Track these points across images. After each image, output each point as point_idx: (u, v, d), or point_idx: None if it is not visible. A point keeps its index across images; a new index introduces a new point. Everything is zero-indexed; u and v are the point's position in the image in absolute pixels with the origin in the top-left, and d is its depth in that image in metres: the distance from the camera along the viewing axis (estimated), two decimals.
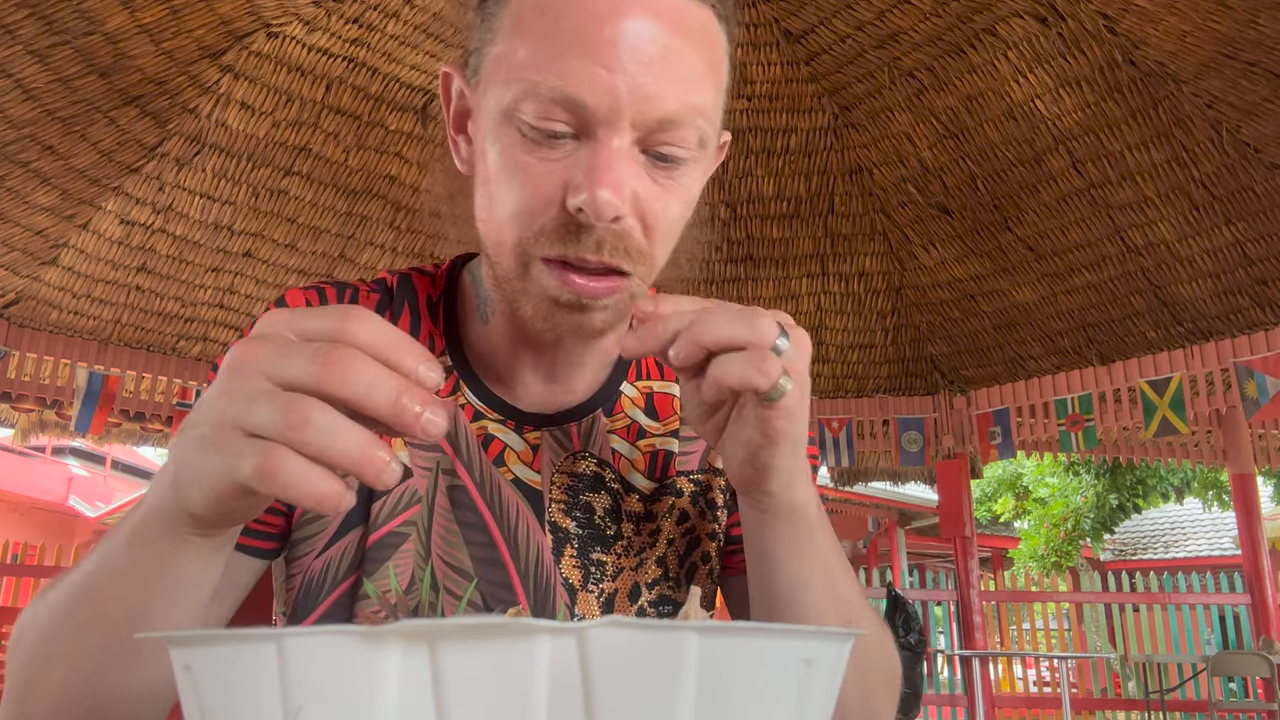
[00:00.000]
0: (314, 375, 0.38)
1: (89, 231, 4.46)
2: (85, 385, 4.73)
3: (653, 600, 0.66)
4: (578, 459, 0.68)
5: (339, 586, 0.64)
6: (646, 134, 0.56)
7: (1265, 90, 3.69)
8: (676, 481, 0.70)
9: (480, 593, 0.63)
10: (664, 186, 0.59)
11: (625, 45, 0.54)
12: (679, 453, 0.70)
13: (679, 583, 0.68)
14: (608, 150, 0.55)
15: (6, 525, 12.40)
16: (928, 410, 5.59)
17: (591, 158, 0.55)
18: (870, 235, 5.25)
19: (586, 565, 0.65)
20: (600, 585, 0.65)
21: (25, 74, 3.60)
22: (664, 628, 0.33)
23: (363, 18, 4.12)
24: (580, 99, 0.54)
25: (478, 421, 0.67)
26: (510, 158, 0.57)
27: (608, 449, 0.69)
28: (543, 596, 0.64)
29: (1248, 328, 4.44)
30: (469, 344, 0.70)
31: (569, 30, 0.54)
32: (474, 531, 0.64)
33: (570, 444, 0.68)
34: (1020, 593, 7.13)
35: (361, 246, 5.03)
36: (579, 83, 0.54)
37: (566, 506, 0.66)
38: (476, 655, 0.33)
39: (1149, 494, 11.84)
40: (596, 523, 0.67)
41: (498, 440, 0.67)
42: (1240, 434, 5.70)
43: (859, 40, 4.32)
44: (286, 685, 0.34)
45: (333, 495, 0.39)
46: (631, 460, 0.69)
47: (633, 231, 0.58)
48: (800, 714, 0.35)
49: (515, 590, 0.64)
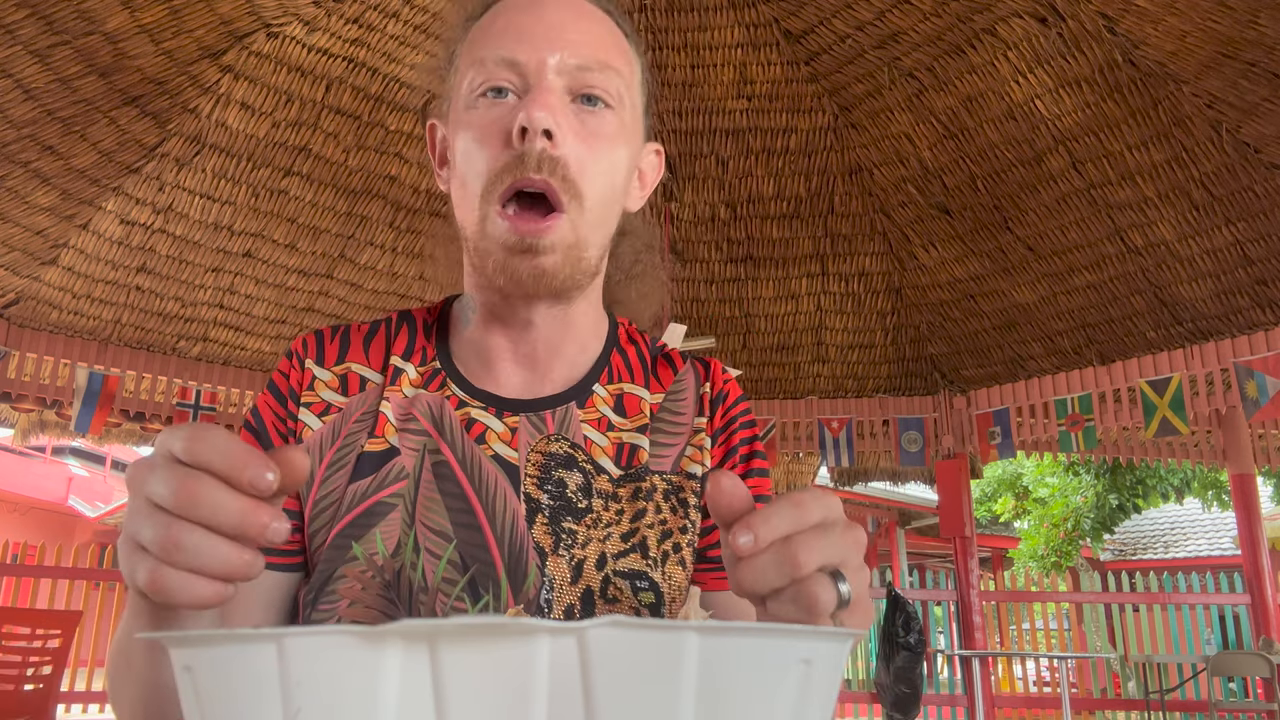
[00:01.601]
0: (171, 501, 0.46)
1: (89, 231, 4.45)
2: (85, 385, 4.72)
3: (619, 570, 0.71)
4: (552, 440, 0.75)
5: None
6: (570, 81, 0.71)
7: (1265, 90, 3.69)
8: (648, 476, 0.76)
9: (459, 553, 0.70)
10: (592, 130, 0.72)
11: (544, 21, 0.72)
12: (652, 454, 0.77)
13: (656, 563, 0.73)
14: (541, 87, 0.70)
15: (6, 525, 12.39)
16: (928, 410, 5.58)
17: (530, 96, 0.70)
18: (870, 235, 5.25)
19: (557, 532, 0.71)
20: (570, 551, 0.71)
21: (25, 74, 3.60)
22: (664, 628, 0.33)
23: (363, 18, 4.12)
24: (515, 57, 0.71)
25: (462, 409, 0.76)
26: (470, 128, 0.72)
27: (580, 434, 0.76)
28: (516, 557, 0.70)
29: (1248, 328, 4.43)
30: (456, 351, 0.80)
31: (501, 24, 0.73)
32: (455, 500, 0.72)
33: (545, 428, 0.75)
34: (1020, 593, 7.13)
35: (361, 246, 5.03)
36: (513, 47, 0.71)
37: (540, 480, 0.73)
38: (476, 655, 0.33)
39: (1149, 494, 11.83)
40: (568, 496, 0.73)
41: (479, 423, 0.75)
42: (1240, 434, 5.70)
43: (859, 40, 4.32)
44: (286, 685, 0.34)
45: (213, 597, 0.47)
46: (602, 447, 0.76)
47: (567, 159, 0.69)
48: (800, 714, 0.35)
49: (491, 551, 0.70)
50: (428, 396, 0.76)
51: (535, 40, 0.71)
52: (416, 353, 0.79)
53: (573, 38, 0.72)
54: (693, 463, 0.77)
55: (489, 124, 0.70)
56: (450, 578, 0.69)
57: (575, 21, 0.73)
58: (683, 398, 0.80)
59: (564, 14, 0.73)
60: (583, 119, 0.71)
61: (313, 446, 0.75)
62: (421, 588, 0.69)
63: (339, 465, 0.74)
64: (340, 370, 0.78)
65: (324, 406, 0.77)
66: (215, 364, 5.19)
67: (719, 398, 0.81)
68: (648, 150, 0.82)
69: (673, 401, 0.80)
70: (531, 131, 0.67)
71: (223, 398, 5.25)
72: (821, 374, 5.75)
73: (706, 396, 0.80)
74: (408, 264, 5.17)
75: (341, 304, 5.24)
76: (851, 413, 5.60)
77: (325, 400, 0.77)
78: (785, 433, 5.68)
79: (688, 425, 0.79)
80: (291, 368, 0.79)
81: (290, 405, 0.77)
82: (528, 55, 0.70)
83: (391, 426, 0.74)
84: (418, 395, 0.76)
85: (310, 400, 0.77)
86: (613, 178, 0.73)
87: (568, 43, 0.71)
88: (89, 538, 12.97)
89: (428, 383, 0.77)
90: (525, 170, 0.68)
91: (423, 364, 0.79)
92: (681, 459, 0.77)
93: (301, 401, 0.77)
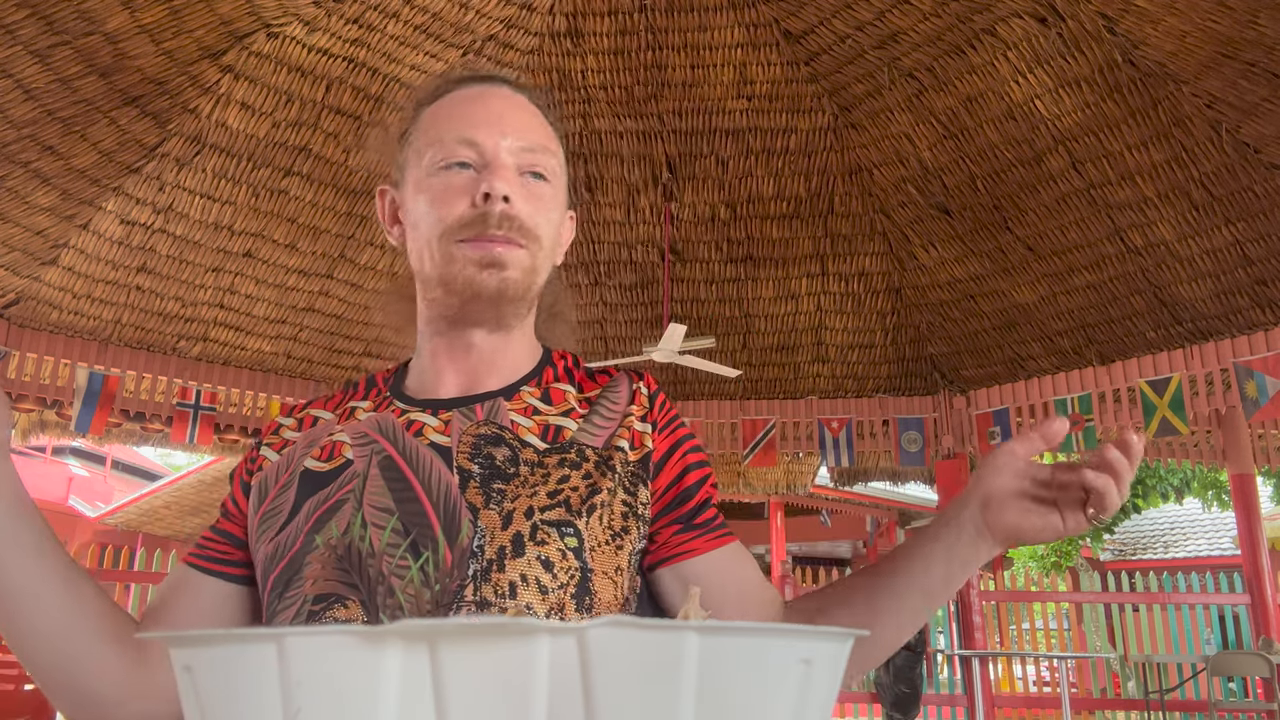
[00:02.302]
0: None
1: (89, 231, 4.45)
2: (85, 385, 4.72)
3: (547, 520, 0.80)
4: (480, 425, 0.86)
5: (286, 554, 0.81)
6: (518, 160, 0.86)
7: (1265, 90, 3.69)
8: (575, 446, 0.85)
9: (401, 523, 0.79)
10: (537, 196, 0.87)
11: (492, 111, 0.88)
12: (584, 429, 0.88)
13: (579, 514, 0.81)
14: (498, 165, 0.85)
15: None
16: (927, 410, 5.58)
17: (488, 171, 0.84)
18: (870, 235, 5.25)
19: (488, 492, 0.81)
20: (501, 505, 0.80)
21: (25, 74, 3.60)
22: (664, 628, 0.33)
23: (363, 18, 4.12)
24: (474, 138, 0.85)
25: (404, 415, 0.88)
26: (429, 189, 0.85)
27: (507, 420, 0.86)
28: (451, 516, 0.79)
29: (1247, 328, 4.43)
30: (406, 383, 0.94)
31: (456, 112, 0.88)
32: (396, 482, 0.82)
33: (475, 417, 0.86)
34: (1020, 593, 7.12)
35: (361, 246, 5.03)
36: (469, 130, 0.86)
37: (470, 455, 0.83)
38: (476, 655, 0.33)
39: (1149, 494, 11.83)
40: (497, 465, 0.83)
41: (417, 422, 0.87)
42: (1240, 434, 5.70)
43: (859, 40, 4.32)
44: (286, 685, 0.34)
45: None
46: (527, 428, 0.86)
47: (521, 216, 0.84)
48: (800, 714, 0.35)
49: (429, 516, 0.79)
50: (377, 416, 0.89)
51: (489, 125, 0.86)
52: (373, 395, 0.94)
53: (517, 125, 0.88)
54: (620, 439, 0.87)
55: (453, 188, 0.84)
56: (394, 542, 0.78)
57: (516, 112, 0.89)
58: (617, 390, 0.92)
59: (506, 105, 0.89)
60: (529, 188, 0.87)
61: (269, 472, 0.89)
62: (370, 554, 0.78)
63: (287, 485, 0.86)
64: (301, 415, 0.94)
65: (282, 444, 0.92)
66: (215, 364, 5.19)
67: (654, 395, 0.93)
68: (568, 217, 0.98)
69: (609, 392, 0.92)
70: (494, 197, 0.82)
71: (223, 398, 5.25)
72: (821, 374, 5.75)
73: (639, 392, 0.92)
74: (407, 264, 5.17)
75: (342, 304, 5.25)
76: (851, 413, 5.60)
77: (284, 439, 0.92)
78: (785, 433, 5.68)
79: (620, 411, 0.90)
80: (267, 428, 0.96)
81: (253, 453, 0.93)
82: (484, 137, 0.85)
83: (347, 446, 0.87)
84: (369, 417, 0.90)
85: (272, 441, 0.93)
86: (552, 232, 0.89)
87: (515, 129, 0.87)
88: (89, 538, 12.97)
89: (378, 407, 0.91)
90: (488, 227, 0.83)
91: (377, 396, 0.93)
92: (613, 438, 0.88)
93: (264, 443, 0.93)
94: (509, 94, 0.91)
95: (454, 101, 0.90)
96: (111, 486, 15.20)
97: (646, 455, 0.88)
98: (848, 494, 10.37)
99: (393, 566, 0.77)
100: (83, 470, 15.06)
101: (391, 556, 0.77)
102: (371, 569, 0.77)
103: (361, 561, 0.78)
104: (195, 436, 5.05)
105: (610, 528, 0.83)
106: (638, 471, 0.87)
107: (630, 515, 0.85)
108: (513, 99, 0.91)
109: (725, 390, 5.72)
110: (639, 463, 0.87)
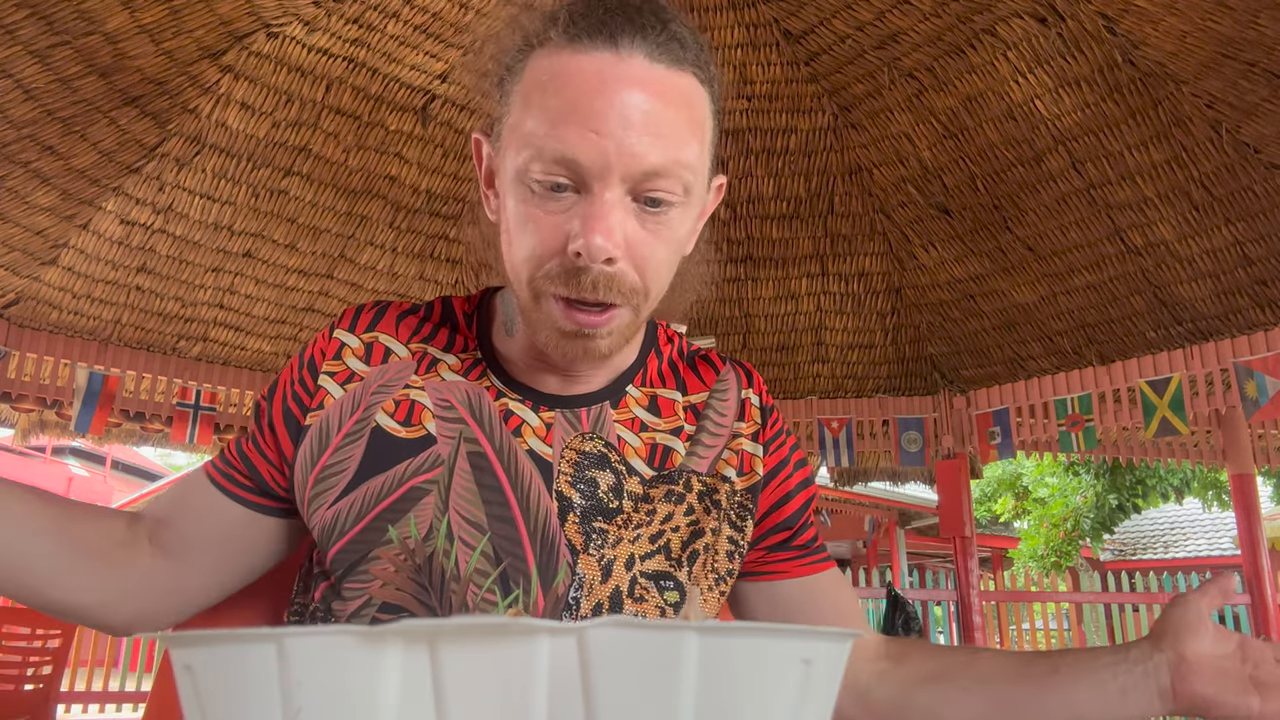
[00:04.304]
0: None
1: (89, 231, 4.46)
2: (85, 385, 4.72)
3: (646, 571, 0.73)
4: (586, 439, 0.77)
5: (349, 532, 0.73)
6: (634, 185, 0.67)
7: (1265, 90, 3.69)
8: (683, 475, 0.77)
9: (492, 545, 0.72)
10: (652, 231, 0.69)
11: (613, 113, 0.65)
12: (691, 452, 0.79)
13: (680, 563, 0.75)
14: (601, 202, 0.66)
15: None
16: (927, 410, 5.59)
17: (588, 209, 0.66)
18: (870, 235, 5.25)
19: (588, 531, 0.74)
20: (601, 551, 0.73)
21: (25, 74, 3.60)
22: (664, 627, 0.33)
23: (363, 18, 4.12)
24: (576, 159, 0.65)
25: (499, 400, 0.78)
26: (523, 211, 0.69)
27: (614, 434, 0.78)
28: (548, 554, 0.72)
29: (1248, 328, 4.43)
30: (497, 346, 0.81)
31: (566, 102, 0.66)
32: (491, 491, 0.74)
33: (580, 425, 0.78)
34: (1020, 593, 7.13)
35: (361, 246, 5.03)
36: (575, 146, 0.65)
37: (573, 479, 0.75)
38: (476, 655, 0.33)
39: (1149, 494, 11.83)
40: (600, 496, 0.75)
41: (516, 415, 0.77)
42: (1240, 434, 5.70)
43: (859, 40, 4.32)
44: (286, 685, 0.34)
45: None
46: (634, 448, 0.78)
47: (626, 274, 0.68)
48: (800, 714, 0.35)
49: (524, 546, 0.72)
50: (466, 385, 0.78)
51: (600, 138, 0.65)
52: (457, 343, 0.81)
53: (643, 134, 0.66)
54: (728, 465, 0.79)
55: (544, 218, 0.67)
56: (482, 569, 0.71)
57: (648, 109, 0.66)
58: (725, 399, 0.83)
59: (636, 97, 0.66)
60: (643, 220, 0.69)
61: (332, 414, 0.76)
62: (454, 576, 0.71)
63: (355, 436, 0.75)
64: (368, 339, 0.80)
65: (348, 374, 0.78)
66: (215, 364, 5.19)
67: (767, 409, 0.84)
68: (711, 187, 0.79)
69: (718, 400, 0.82)
70: (588, 258, 0.65)
71: (223, 398, 5.25)
72: (821, 374, 5.75)
73: (749, 403, 0.83)
74: (408, 264, 5.18)
75: (342, 304, 5.24)
76: (851, 413, 5.60)
77: (350, 368, 0.78)
78: None
79: (727, 429, 0.81)
80: (323, 337, 0.81)
81: (307, 376, 0.79)
82: (590, 158, 0.65)
83: (429, 413, 0.76)
84: (456, 382, 0.78)
85: (334, 369, 0.78)
86: (674, 261, 0.73)
87: (637, 142, 0.65)
88: None
89: (467, 372, 0.79)
90: (581, 290, 0.67)
91: (463, 352, 0.80)
92: (719, 461, 0.80)
93: (324, 370, 0.78)
94: (644, 69, 0.67)
95: (566, 79, 0.66)
96: (111, 486, 15.21)
97: (755, 484, 0.80)
98: (847, 494, 10.37)
99: (478, 599, 0.70)
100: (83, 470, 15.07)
101: (478, 586, 0.70)
102: (454, 595, 0.70)
103: (444, 582, 0.71)
104: (195, 436, 5.05)
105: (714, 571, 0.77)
106: (745, 503, 0.80)
107: (735, 554, 0.79)
108: (648, 79, 0.67)
109: None
110: (747, 492, 0.80)
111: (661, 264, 0.71)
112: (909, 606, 5.77)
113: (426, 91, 4.48)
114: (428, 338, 0.81)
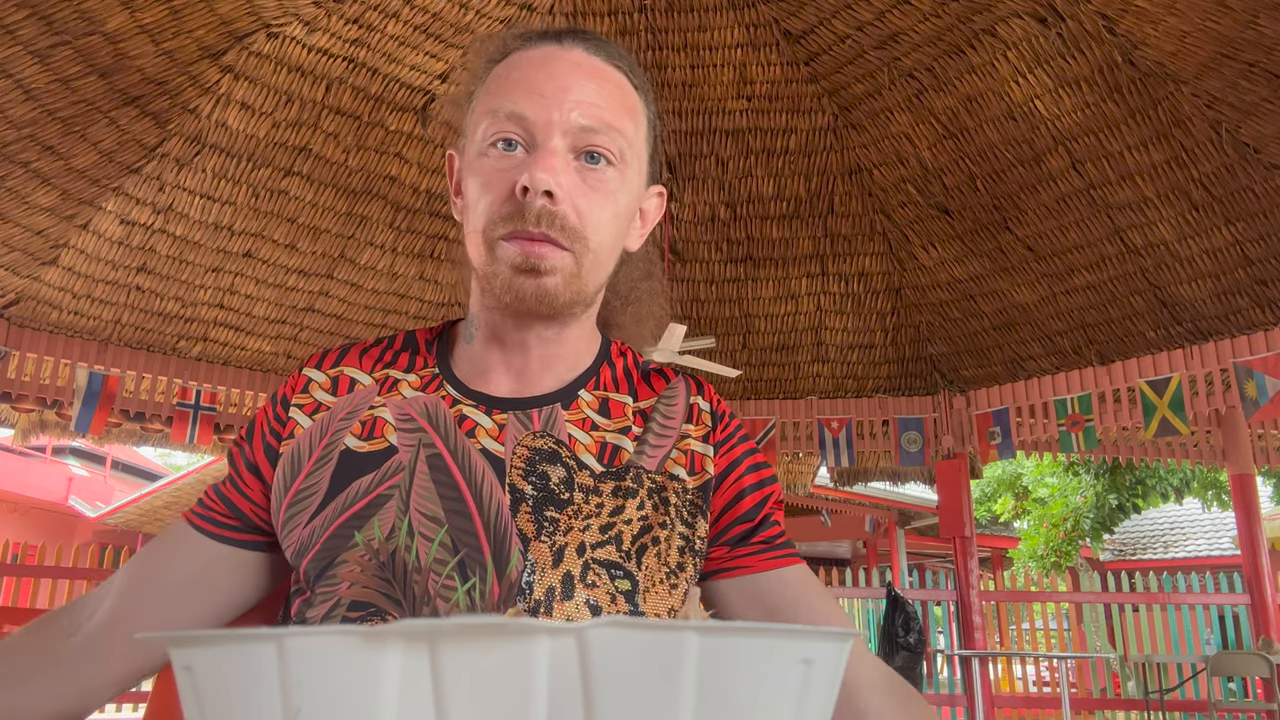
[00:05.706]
0: None
1: (89, 231, 4.46)
2: (85, 385, 4.73)
3: (597, 559, 0.77)
4: (537, 436, 0.81)
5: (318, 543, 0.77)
6: (574, 141, 0.77)
7: (1265, 90, 3.69)
8: (631, 470, 0.81)
9: (450, 536, 0.76)
10: (592, 185, 0.77)
11: (555, 82, 0.77)
12: (639, 451, 0.83)
13: (629, 555, 0.78)
14: (545, 149, 0.75)
15: (6, 525, 12.39)
16: (927, 410, 5.59)
17: (534, 158, 0.75)
18: (870, 235, 5.25)
19: (540, 521, 0.77)
20: (553, 538, 0.76)
21: (25, 74, 3.60)
22: (664, 628, 0.33)
23: (363, 18, 4.12)
24: (524, 114, 0.76)
25: (455, 406, 0.82)
26: (480, 180, 0.78)
27: (564, 432, 0.82)
28: (500, 542, 0.76)
29: (1247, 328, 4.44)
30: (454, 362, 0.87)
31: (516, 77, 0.79)
32: (447, 488, 0.78)
33: (531, 425, 0.81)
34: (1020, 593, 7.12)
35: (361, 246, 5.03)
36: (523, 104, 0.76)
37: (524, 473, 0.79)
38: (476, 655, 0.33)
39: (1148, 494, 11.83)
40: (551, 488, 0.79)
41: (470, 419, 0.82)
42: (1240, 434, 5.70)
43: (859, 40, 4.32)
44: (286, 685, 0.34)
45: None
46: (585, 445, 0.81)
47: (566, 214, 0.75)
48: (800, 714, 0.35)
49: (479, 536, 0.76)
50: (424, 398, 0.83)
51: (545, 99, 0.76)
52: (417, 363, 0.87)
53: (580, 98, 0.77)
54: (677, 465, 0.83)
55: (496, 174, 0.77)
56: (441, 558, 0.75)
57: (585, 82, 0.78)
58: (674, 403, 0.87)
59: (575, 73, 0.78)
60: (584, 175, 0.77)
61: (302, 441, 0.82)
62: (415, 567, 0.75)
63: (324, 461, 0.81)
64: (334, 373, 0.87)
65: (315, 406, 0.84)
66: (215, 364, 5.19)
67: (719, 414, 0.87)
68: (650, 194, 0.88)
69: (665, 405, 0.86)
70: (533, 191, 0.73)
71: (223, 398, 5.25)
72: (821, 374, 5.75)
73: (698, 407, 0.86)
74: (408, 264, 5.18)
75: (342, 304, 5.24)
76: (851, 413, 5.60)
77: (316, 400, 0.85)
78: (785, 433, 5.68)
79: (675, 430, 0.85)
80: (292, 378, 0.88)
81: (280, 410, 0.85)
82: (536, 113, 0.76)
83: (391, 427, 0.81)
84: (415, 397, 0.83)
85: (303, 401, 0.84)
86: (613, 225, 0.80)
87: (575, 103, 0.76)
88: (89, 538, 12.97)
89: (425, 386, 0.84)
90: (525, 224, 0.74)
91: (423, 369, 0.85)
92: (667, 460, 0.83)
93: (294, 403, 0.84)
94: (582, 57, 0.80)
95: (518, 64, 0.79)
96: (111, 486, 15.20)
97: (707, 483, 0.83)
98: (847, 494, 10.37)
99: (439, 586, 0.74)
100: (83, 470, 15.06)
101: (438, 574, 0.74)
102: (417, 585, 0.74)
103: (406, 575, 0.74)
104: (195, 437, 5.05)
105: (665, 564, 0.79)
106: (696, 501, 0.82)
107: (687, 550, 0.81)
108: (586, 63, 0.79)
109: (725, 390, 5.72)
110: (698, 490, 0.82)
111: (602, 220, 0.78)
112: (909, 606, 5.77)
113: (426, 91, 4.48)
114: (389, 364, 0.87)
